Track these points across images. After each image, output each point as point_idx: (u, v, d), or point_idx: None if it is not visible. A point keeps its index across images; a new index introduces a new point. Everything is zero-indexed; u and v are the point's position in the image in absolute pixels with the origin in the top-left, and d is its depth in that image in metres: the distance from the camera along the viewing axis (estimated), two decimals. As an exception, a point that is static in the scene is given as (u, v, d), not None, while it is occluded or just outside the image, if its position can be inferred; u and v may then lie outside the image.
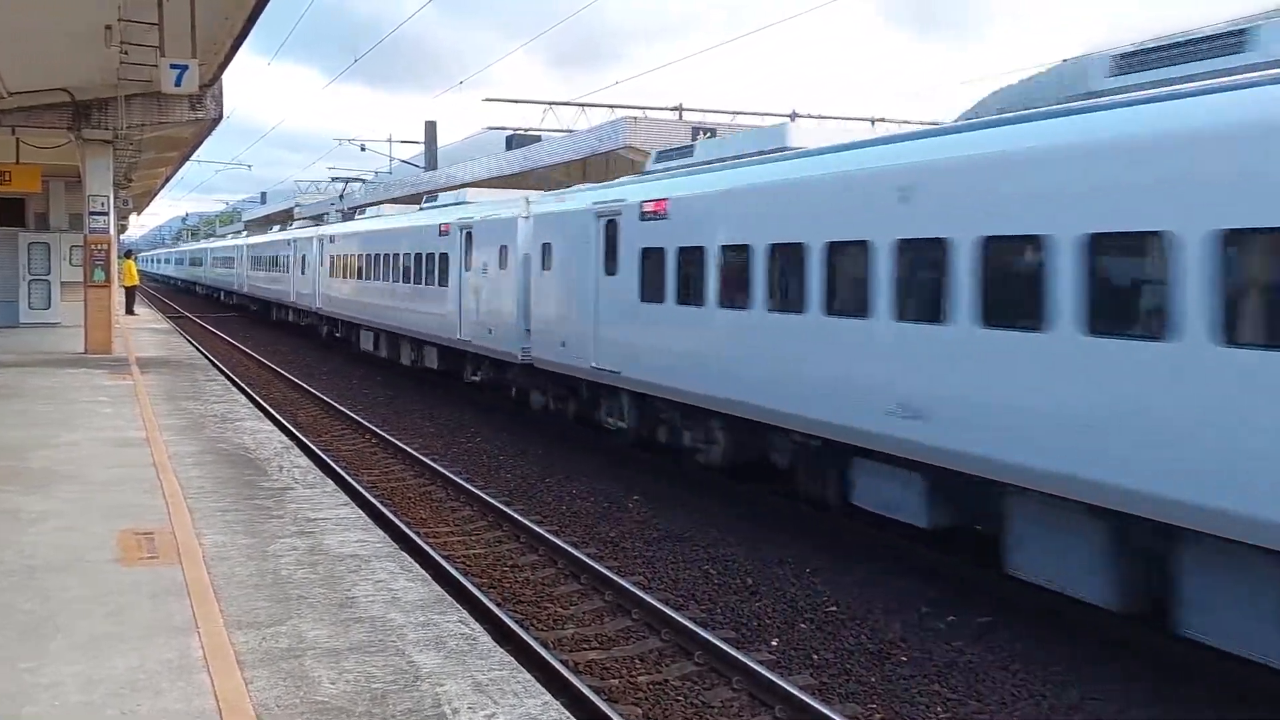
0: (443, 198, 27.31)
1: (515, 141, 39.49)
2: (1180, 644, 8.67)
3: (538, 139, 38.00)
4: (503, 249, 20.87)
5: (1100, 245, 8.55)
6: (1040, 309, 8.98)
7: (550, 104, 38.42)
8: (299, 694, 5.94)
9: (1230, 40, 8.26)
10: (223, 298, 68.64)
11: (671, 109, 35.15)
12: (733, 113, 35.48)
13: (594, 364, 16.77)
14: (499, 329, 20.93)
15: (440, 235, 24.54)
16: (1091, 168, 8.65)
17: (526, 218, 20.02)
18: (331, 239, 35.77)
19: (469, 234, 22.75)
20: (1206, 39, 8.49)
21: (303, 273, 40.06)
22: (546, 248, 18.92)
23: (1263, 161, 7.38)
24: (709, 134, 15.73)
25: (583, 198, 17.95)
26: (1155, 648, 8.92)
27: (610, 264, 16.43)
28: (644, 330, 15.43)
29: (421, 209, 28.40)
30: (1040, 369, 8.99)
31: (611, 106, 37.55)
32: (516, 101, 38.73)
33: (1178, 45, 8.71)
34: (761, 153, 13.77)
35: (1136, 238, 8.28)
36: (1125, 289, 8.66)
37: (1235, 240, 7.56)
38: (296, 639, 6.82)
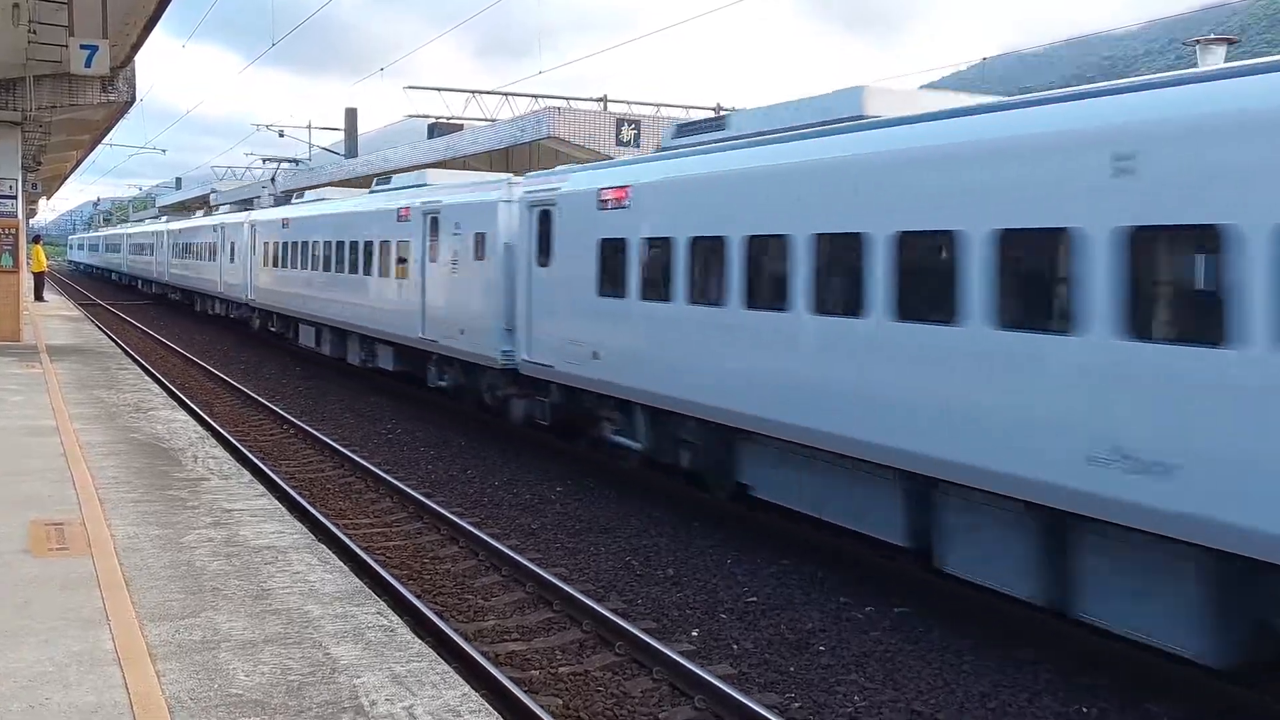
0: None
1: (437, 130, 39.17)
2: (1085, 632, 8.89)
3: (460, 128, 37.73)
4: None
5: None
6: None
7: (474, 92, 38.26)
8: (213, 686, 5.87)
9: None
10: (200, 305, 43.72)
11: (596, 100, 35.20)
12: (657, 104, 35.64)
13: None
14: None
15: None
16: None
17: None
18: (546, 208, 15.74)
19: None
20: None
21: (396, 275, 21.84)
22: None
23: None
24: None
25: None
26: (1061, 635, 9.13)
27: None
28: None
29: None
30: None
31: (536, 96, 37.53)
32: (439, 89, 38.51)
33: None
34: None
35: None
36: None
37: None
38: (211, 631, 6.72)
